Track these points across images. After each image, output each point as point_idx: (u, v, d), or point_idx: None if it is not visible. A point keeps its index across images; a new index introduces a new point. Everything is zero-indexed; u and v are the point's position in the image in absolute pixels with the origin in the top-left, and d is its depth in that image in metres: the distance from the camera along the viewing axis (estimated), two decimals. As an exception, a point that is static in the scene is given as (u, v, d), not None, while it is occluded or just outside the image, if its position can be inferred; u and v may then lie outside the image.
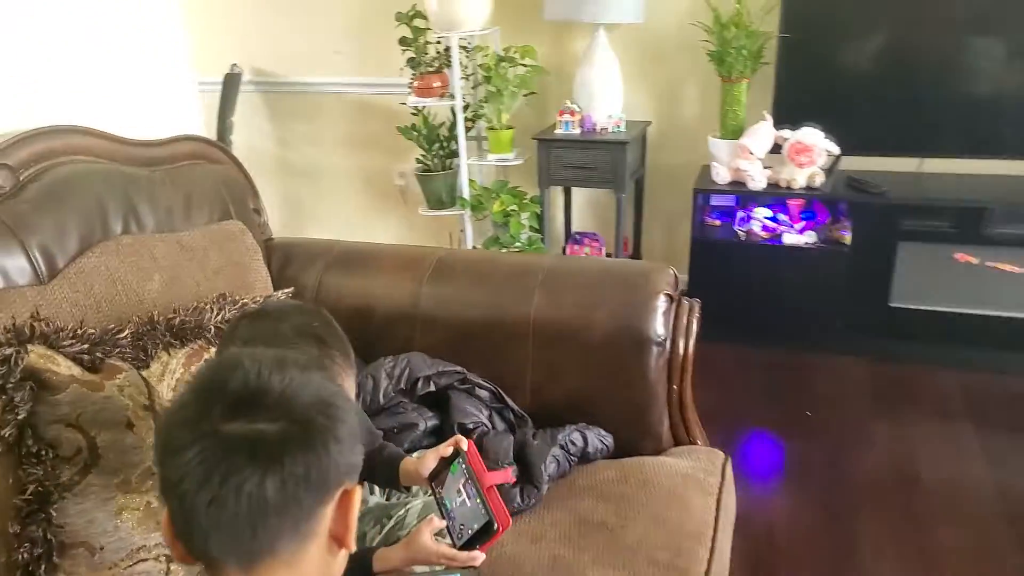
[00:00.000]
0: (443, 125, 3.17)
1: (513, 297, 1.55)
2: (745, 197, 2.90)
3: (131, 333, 1.17)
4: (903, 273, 2.67)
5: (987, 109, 2.62)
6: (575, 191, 3.32)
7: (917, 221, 2.65)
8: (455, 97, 2.96)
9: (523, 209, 2.98)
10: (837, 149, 2.69)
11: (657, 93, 3.13)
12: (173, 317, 1.25)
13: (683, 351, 1.50)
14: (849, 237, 2.70)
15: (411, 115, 3.17)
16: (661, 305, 1.48)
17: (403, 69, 3.06)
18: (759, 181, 2.73)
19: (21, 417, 0.99)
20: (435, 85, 3.00)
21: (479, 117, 3.10)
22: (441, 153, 3.18)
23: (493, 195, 3.01)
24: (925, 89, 2.65)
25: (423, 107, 3.12)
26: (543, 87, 3.14)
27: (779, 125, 2.73)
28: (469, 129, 3.12)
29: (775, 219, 2.87)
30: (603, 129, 2.90)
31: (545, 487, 1.37)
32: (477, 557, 1.05)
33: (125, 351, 1.14)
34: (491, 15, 2.91)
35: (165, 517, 0.71)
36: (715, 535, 1.30)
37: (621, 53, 2.95)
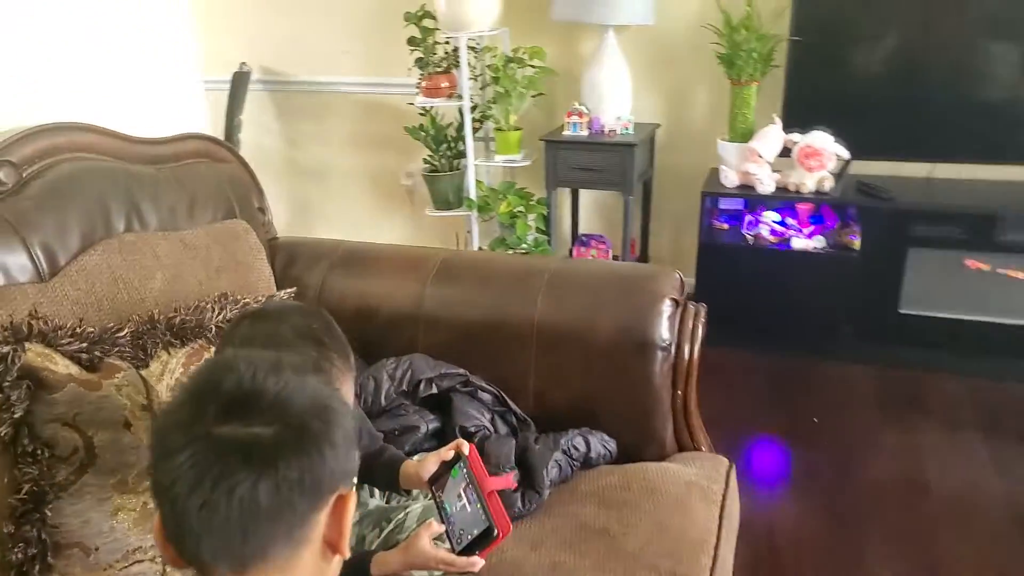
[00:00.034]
0: (451, 126, 3.16)
1: (517, 300, 1.54)
2: (754, 201, 2.88)
3: (131, 332, 1.16)
4: (913, 279, 2.65)
5: (1000, 114, 2.59)
6: (582, 193, 3.31)
7: (928, 227, 2.62)
8: (463, 98, 2.95)
9: (530, 210, 2.97)
10: (847, 153, 2.67)
11: (666, 95, 3.11)
12: (173, 316, 1.24)
13: (688, 356, 1.48)
14: (858, 242, 2.68)
15: (419, 115, 3.16)
16: (666, 309, 1.47)
17: (411, 69, 3.05)
18: (768, 185, 2.71)
19: (17, 416, 0.98)
20: (443, 85, 3.00)
21: (487, 118, 3.09)
22: (448, 154, 3.17)
23: (500, 196, 3.00)
24: (937, 93, 2.63)
25: (431, 107, 3.11)
26: (551, 88, 3.13)
27: (789, 129, 2.71)
28: (477, 130, 3.11)
29: (784, 223, 2.85)
30: (611, 131, 2.88)
31: (547, 492, 1.36)
32: (476, 563, 1.04)
33: (124, 350, 1.13)
34: (500, 16, 2.91)
35: (157, 520, 0.70)
36: (718, 543, 1.29)
37: (630, 55, 2.94)
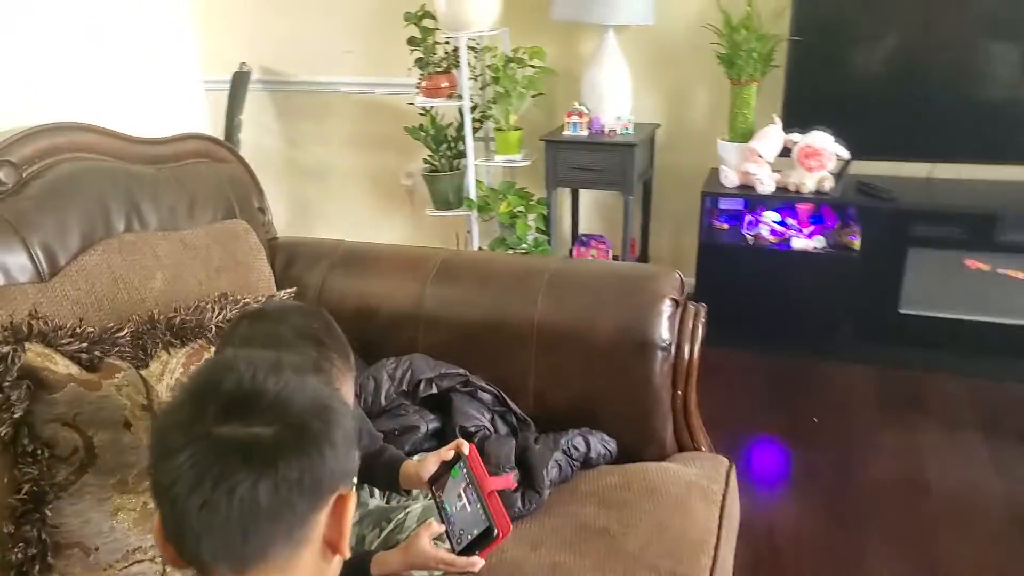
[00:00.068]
0: (451, 126, 3.16)
1: (517, 300, 1.54)
2: (754, 201, 2.88)
3: (131, 332, 1.16)
4: (913, 279, 2.65)
5: (1000, 114, 2.59)
6: (582, 193, 3.31)
7: (928, 227, 2.62)
8: (463, 98, 2.95)
9: (530, 210, 2.97)
10: (847, 153, 2.66)
11: (666, 95, 3.11)
12: (173, 316, 1.24)
13: (688, 356, 1.48)
14: (858, 242, 2.68)
15: (419, 115, 3.16)
16: (666, 309, 1.47)
17: (411, 69, 3.05)
18: (768, 185, 2.71)
19: (17, 416, 0.98)
20: (443, 85, 3.00)
21: (487, 118, 3.09)
22: (448, 154, 3.17)
23: (500, 196, 3.00)
24: (937, 93, 2.63)
25: (431, 107, 3.11)
26: (551, 88, 3.13)
27: (789, 129, 2.71)
28: (477, 130, 3.11)
29: (784, 223, 2.85)
30: (611, 131, 2.88)
31: (547, 492, 1.36)
32: (476, 563, 1.04)
33: (124, 350, 1.13)
34: (500, 16, 2.91)
35: (157, 520, 0.70)
36: (718, 543, 1.29)
37: (630, 55, 2.94)
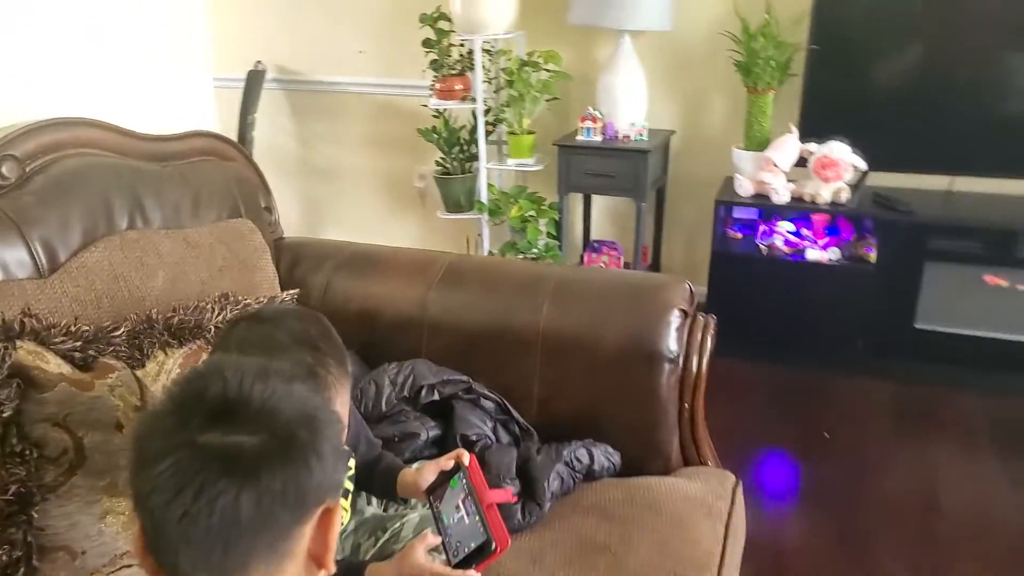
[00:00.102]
0: (464, 128, 3.14)
1: (522, 306, 1.51)
2: (768, 210, 2.84)
3: (127, 331, 1.14)
4: (929, 294, 2.60)
5: (1022, 128, 2.53)
6: (595, 199, 3.28)
7: (946, 241, 2.57)
8: (476, 100, 2.93)
9: (541, 215, 2.94)
10: (864, 165, 2.62)
11: (681, 102, 3.08)
12: (172, 316, 1.22)
13: (696, 369, 1.45)
14: (874, 255, 2.63)
15: (432, 117, 3.14)
16: (675, 320, 1.43)
17: (425, 71, 3.04)
18: (783, 195, 2.67)
19: (6, 415, 0.96)
20: (457, 88, 2.98)
21: (500, 121, 3.07)
22: (461, 156, 3.15)
23: (511, 200, 2.98)
24: (958, 106, 2.58)
25: (444, 110, 3.09)
26: (566, 93, 3.10)
27: (805, 138, 2.67)
28: (490, 133, 3.09)
29: (798, 234, 2.81)
30: (625, 137, 2.86)
31: (547, 505, 1.33)
32: (471, 576, 1.02)
33: (120, 349, 1.11)
34: (516, 19, 2.89)
35: (136, 530, 0.68)
36: (722, 562, 1.25)
37: (646, 61, 2.91)
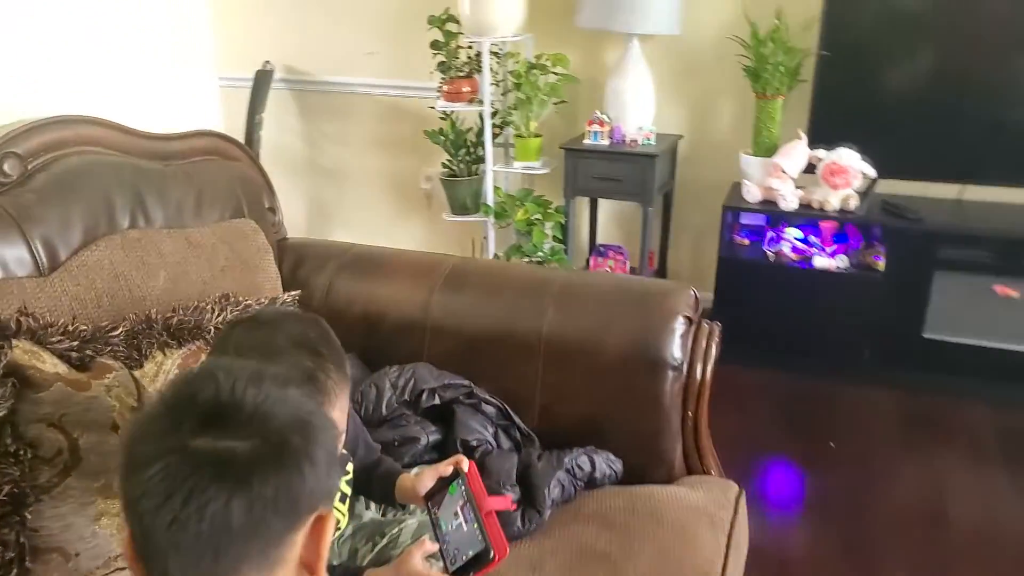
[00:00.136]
0: (470, 131, 3.13)
1: (525, 311, 1.50)
2: (776, 217, 2.82)
3: (125, 331, 1.13)
4: (938, 303, 2.57)
5: (1035, 137, 2.51)
6: (601, 202, 3.27)
7: (955, 250, 2.55)
8: (484, 103, 2.92)
9: (547, 218, 2.93)
10: (874, 172, 2.60)
11: (690, 107, 3.06)
12: (171, 316, 1.21)
13: (700, 376, 1.43)
14: (883, 263, 2.61)
15: (439, 119, 3.14)
16: (679, 327, 1.42)
17: (433, 73, 3.03)
18: (791, 201, 2.65)
19: (1, 415, 0.96)
20: (464, 90, 2.97)
21: (507, 124, 3.06)
22: (467, 159, 3.14)
23: (517, 203, 2.96)
24: (969, 113, 2.55)
25: (451, 112, 3.08)
26: (573, 96, 3.09)
27: (814, 145, 2.65)
28: (496, 136, 3.08)
29: (806, 241, 2.78)
30: (632, 141, 2.84)
31: (548, 512, 1.31)
32: (468, 585, 1.00)
33: (118, 349, 1.11)
34: (524, 21, 2.87)
35: (126, 536, 0.66)
36: (724, 573, 1.23)
37: (655, 65, 2.89)
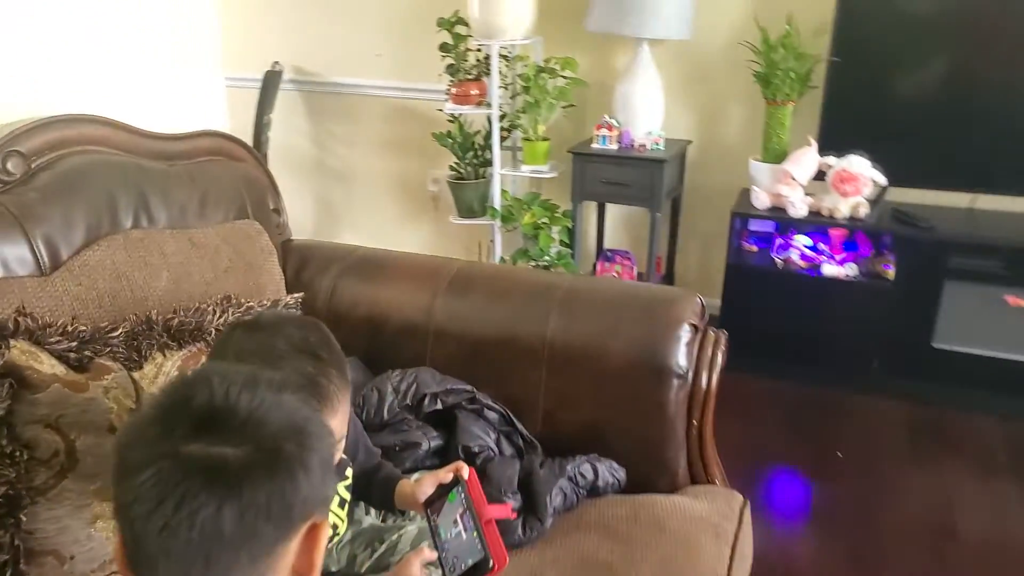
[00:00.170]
0: (478, 133, 3.12)
1: (529, 316, 1.48)
2: (785, 224, 2.80)
3: (125, 332, 1.12)
4: (949, 313, 2.54)
5: (1048, 146, 2.49)
6: (609, 207, 3.25)
7: (966, 259, 2.52)
8: (492, 106, 2.91)
9: (554, 223, 2.92)
10: (884, 180, 2.58)
11: (699, 112, 3.05)
12: (172, 318, 1.20)
13: (706, 385, 1.41)
14: (892, 272, 2.58)
15: (447, 122, 3.13)
16: (684, 335, 1.40)
17: (441, 75, 3.02)
18: (800, 208, 2.63)
19: (-3, 415, 0.95)
20: (473, 93, 2.96)
21: (515, 127, 3.05)
22: (475, 161, 3.13)
23: (524, 206, 2.95)
24: (982, 122, 2.52)
25: (459, 114, 3.08)
26: (582, 100, 3.08)
27: (824, 152, 2.63)
28: (504, 139, 3.07)
29: (815, 248, 2.76)
30: (641, 146, 2.82)
31: (549, 520, 1.29)
32: (466, 595, 0.99)
33: (117, 350, 1.10)
34: (534, 25, 2.87)
35: (117, 541, 0.66)
36: (727, 586, 1.22)
37: (664, 69, 2.88)
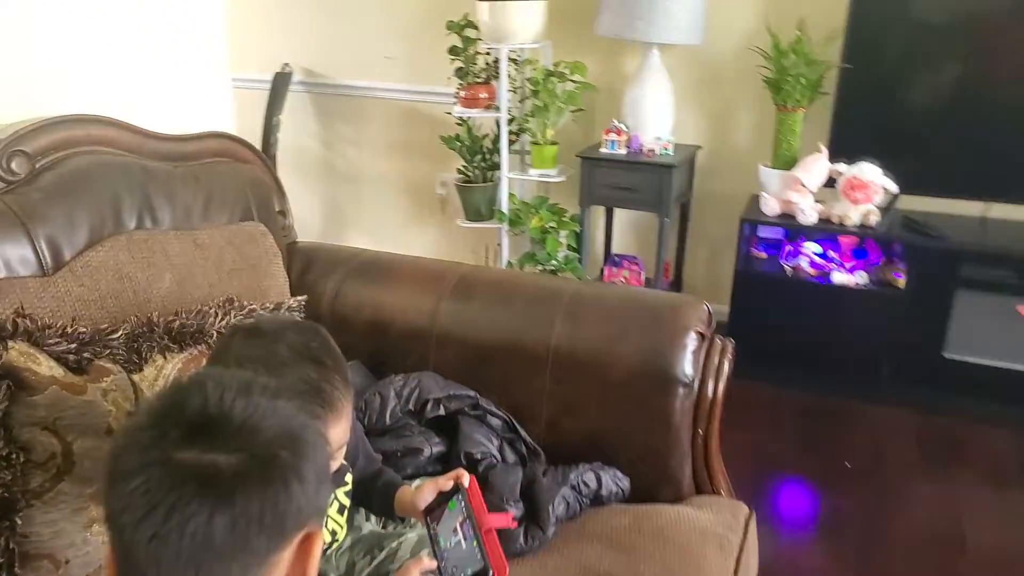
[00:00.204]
0: (487, 137, 3.11)
1: (534, 322, 1.47)
2: (794, 231, 2.77)
3: (125, 334, 1.11)
4: (960, 323, 2.52)
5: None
6: (617, 212, 3.23)
7: (979, 269, 2.49)
8: (500, 109, 2.90)
9: (562, 227, 2.90)
10: (895, 187, 2.55)
11: (709, 117, 3.03)
12: (173, 320, 1.19)
13: (712, 394, 1.39)
14: (903, 281, 2.56)
15: (456, 125, 3.12)
16: (691, 343, 1.38)
17: (450, 78, 3.01)
18: (810, 215, 2.61)
19: (-6, 417, 0.94)
20: (481, 96, 2.95)
21: (524, 131, 3.04)
22: (483, 165, 3.12)
23: (532, 210, 2.94)
24: (995, 129, 2.50)
25: (468, 118, 3.07)
26: (591, 104, 3.07)
27: (835, 158, 2.61)
28: (513, 142, 3.06)
29: (825, 256, 2.73)
30: (650, 151, 2.81)
31: (551, 529, 1.28)
32: (465, 605, 0.97)
33: (117, 353, 1.09)
34: (543, 29, 2.85)
35: (108, 549, 0.64)
36: (731, 599, 1.20)
37: (674, 74, 2.86)
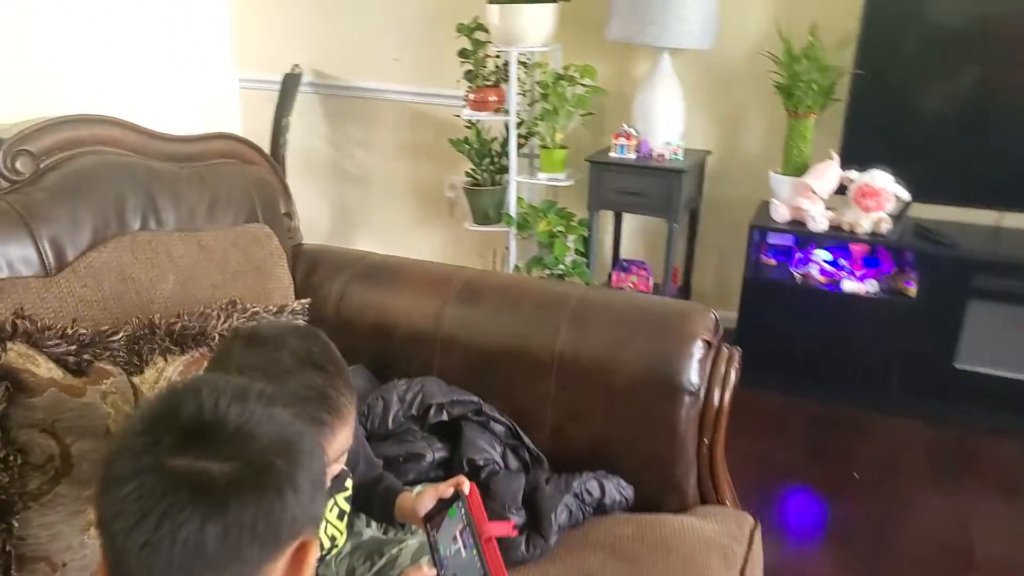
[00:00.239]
0: (495, 140, 3.10)
1: (539, 328, 1.45)
2: (804, 238, 2.75)
3: (127, 336, 1.11)
4: (972, 333, 2.48)
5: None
6: (626, 217, 3.22)
7: (992, 278, 2.46)
8: (510, 113, 2.89)
9: (570, 231, 2.89)
10: (907, 195, 2.52)
11: (719, 123, 3.01)
12: (175, 322, 1.18)
13: (718, 403, 1.38)
14: (914, 289, 2.53)
15: (465, 128, 3.11)
16: (697, 351, 1.37)
17: (460, 81, 3.01)
18: (820, 222, 2.59)
19: (-8, 419, 0.94)
20: (491, 99, 2.95)
21: (533, 134, 3.03)
22: (492, 168, 3.11)
23: (540, 214, 2.93)
24: (1010, 137, 2.47)
25: (477, 120, 3.06)
26: (601, 108, 3.05)
27: (846, 165, 2.59)
28: (522, 146, 3.05)
29: (835, 263, 2.71)
30: (659, 156, 2.79)
31: (554, 538, 1.26)
32: (464, 614, 0.96)
33: (118, 354, 1.08)
34: (553, 32, 2.85)
35: (100, 556, 0.64)
36: (735, 611, 1.18)
37: (684, 79, 2.85)
